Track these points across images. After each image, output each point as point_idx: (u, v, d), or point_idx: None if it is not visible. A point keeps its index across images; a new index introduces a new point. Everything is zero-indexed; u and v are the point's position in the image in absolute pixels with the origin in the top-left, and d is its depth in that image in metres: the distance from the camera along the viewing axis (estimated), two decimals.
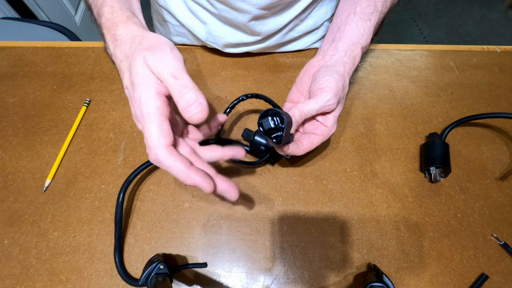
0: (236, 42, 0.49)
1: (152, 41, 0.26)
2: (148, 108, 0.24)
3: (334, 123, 0.34)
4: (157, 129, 0.24)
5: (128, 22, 0.29)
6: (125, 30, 0.28)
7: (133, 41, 0.27)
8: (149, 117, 0.24)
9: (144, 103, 0.24)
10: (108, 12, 0.30)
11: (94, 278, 0.36)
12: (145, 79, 0.24)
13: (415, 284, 0.36)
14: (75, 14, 1.42)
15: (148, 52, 0.25)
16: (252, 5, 0.42)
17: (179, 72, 0.24)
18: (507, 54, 0.54)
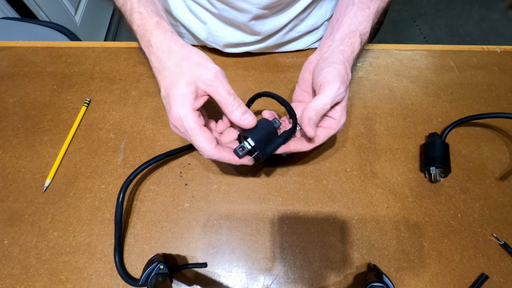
0: (236, 42, 0.49)
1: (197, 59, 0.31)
2: (189, 123, 0.30)
3: (342, 114, 0.33)
4: (203, 138, 0.30)
5: (158, 28, 0.33)
6: (159, 38, 0.32)
7: (171, 51, 0.31)
8: (193, 131, 0.30)
9: (185, 120, 0.29)
10: (138, 19, 0.34)
11: (94, 278, 0.36)
12: (183, 97, 0.30)
13: (415, 284, 0.36)
14: (75, 14, 1.42)
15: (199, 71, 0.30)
16: (252, 4, 0.42)
17: (231, 88, 0.31)
18: (507, 54, 0.54)
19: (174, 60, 0.31)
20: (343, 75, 0.32)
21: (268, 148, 0.32)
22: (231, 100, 0.30)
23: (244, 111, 0.31)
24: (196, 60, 0.31)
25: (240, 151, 0.31)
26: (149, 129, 0.46)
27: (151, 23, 0.33)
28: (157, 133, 0.45)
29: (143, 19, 0.34)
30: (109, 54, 0.53)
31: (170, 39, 0.32)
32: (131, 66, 0.52)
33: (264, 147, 0.32)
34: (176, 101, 0.30)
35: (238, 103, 0.31)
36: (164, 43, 0.32)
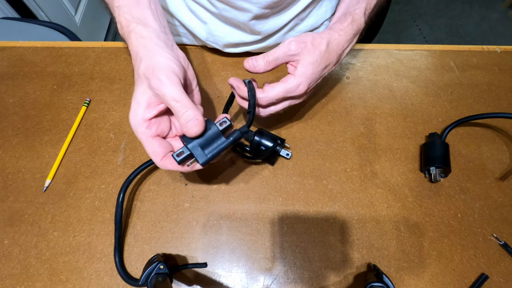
0: (236, 42, 0.49)
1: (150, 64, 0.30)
2: (138, 134, 0.30)
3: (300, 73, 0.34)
4: (150, 150, 0.30)
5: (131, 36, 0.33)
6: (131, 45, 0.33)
7: (136, 57, 0.31)
8: (142, 141, 0.30)
9: (134, 130, 0.30)
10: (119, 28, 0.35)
11: (94, 278, 0.36)
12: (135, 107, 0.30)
13: (415, 284, 0.36)
14: (75, 14, 1.42)
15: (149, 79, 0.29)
16: (254, 4, 0.42)
17: (178, 95, 0.28)
18: (507, 54, 0.54)
19: (136, 66, 0.31)
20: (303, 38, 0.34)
21: (209, 153, 0.30)
22: (178, 107, 0.28)
23: (190, 119, 0.28)
24: (149, 65, 0.30)
25: (178, 156, 0.29)
26: None
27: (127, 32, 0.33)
28: None
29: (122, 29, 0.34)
30: (109, 54, 0.53)
31: (140, 45, 0.32)
32: (131, 66, 0.52)
33: (202, 151, 0.30)
34: (130, 110, 0.30)
35: (185, 108, 0.28)
36: (133, 50, 0.32)
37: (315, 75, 0.35)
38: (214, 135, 0.30)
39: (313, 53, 0.34)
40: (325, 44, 0.35)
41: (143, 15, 0.34)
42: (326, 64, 0.36)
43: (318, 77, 0.36)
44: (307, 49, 0.34)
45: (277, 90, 0.34)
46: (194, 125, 0.28)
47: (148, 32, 0.33)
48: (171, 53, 0.31)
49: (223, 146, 0.31)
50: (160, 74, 0.28)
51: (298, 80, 0.34)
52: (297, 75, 0.34)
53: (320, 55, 0.35)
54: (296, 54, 0.34)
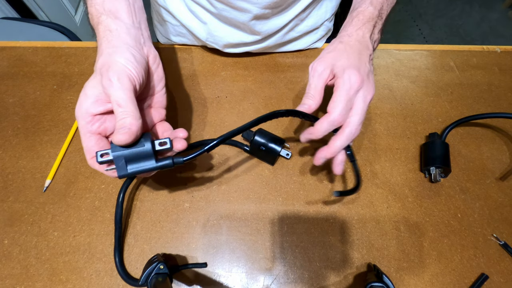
0: (236, 42, 0.49)
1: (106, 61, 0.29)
2: (78, 126, 0.29)
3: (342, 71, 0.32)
4: (84, 145, 0.29)
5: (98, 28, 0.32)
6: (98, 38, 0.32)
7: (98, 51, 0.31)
8: (80, 135, 0.29)
9: (77, 121, 0.29)
10: (90, 19, 0.34)
11: (94, 278, 0.36)
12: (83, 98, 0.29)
13: (415, 284, 0.36)
14: (75, 14, 1.42)
15: (102, 76, 0.28)
16: (254, 4, 0.42)
17: (123, 100, 0.27)
18: (507, 54, 0.54)
19: (97, 58, 0.30)
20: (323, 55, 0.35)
21: (131, 169, 0.28)
22: (119, 112, 0.27)
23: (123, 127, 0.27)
24: (105, 61, 0.29)
25: (101, 157, 0.28)
26: None
27: (96, 24, 0.32)
28: None
29: (92, 20, 0.33)
30: None
31: (103, 38, 0.31)
32: None
33: (125, 164, 0.28)
34: (78, 99, 0.29)
35: (125, 115, 0.27)
36: (98, 42, 0.31)
37: (357, 62, 0.33)
38: (144, 153, 0.28)
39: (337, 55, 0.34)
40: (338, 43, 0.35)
41: (116, 8, 0.32)
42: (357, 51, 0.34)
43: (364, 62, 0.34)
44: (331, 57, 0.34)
45: (337, 100, 0.32)
46: (122, 133, 0.26)
47: (117, 25, 0.31)
48: (135, 53, 0.30)
49: (148, 167, 0.29)
50: (112, 74, 0.27)
51: (346, 75, 0.32)
52: (340, 73, 0.33)
53: (343, 51, 0.34)
54: (325, 68, 0.34)
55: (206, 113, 0.47)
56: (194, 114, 0.47)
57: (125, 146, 0.27)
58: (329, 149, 0.33)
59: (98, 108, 0.29)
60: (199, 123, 0.46)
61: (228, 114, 0.47)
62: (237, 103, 0.48)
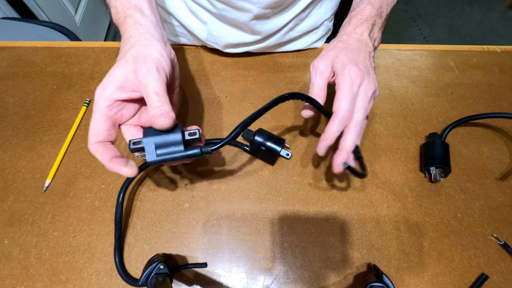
0: (236, 42, 0.49)
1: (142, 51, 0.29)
2: (95, 106, 0.28)
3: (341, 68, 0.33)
4: (94, 127, 0.28)
5: (128, 20, 0.32)
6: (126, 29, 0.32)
7: (128, 41, 0.31)
8: (93, 115, 0.28)
9: (95, 101, 0.28)
10: (114, 13, 0.34)
11: (94, 278, 0.36)
12: (107, 83, 0.28)
13: (415, 284, 0.36)
14: (75, 14, 1.42)
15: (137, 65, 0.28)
16: (255, 4, 0.42)
17: (160, 90, 0.28)
18: (507, 54, 0.54)
19: (125, 49, 0.30)
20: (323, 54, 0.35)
21: (160, 155, 0.28)
22: (156, 100, 0.28)
23: (163, 112, 0.28)
24: (140, 52, 0.29)
25: (134, 144, 0.28)
26: None
27: (123, 17, 0.33)
28: None
29: (117, 13, 0.33)
30: (109, 54, 0.53)
31: (135, 30, 0.31)
32: None
33: (155, 150, 0.28)
34: (101, 83, 0.29)
35: (162, 103, 0.28)
36: (128, 33, 0.31)
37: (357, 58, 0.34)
38: (175, 141, 0.29)
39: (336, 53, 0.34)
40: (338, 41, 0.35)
41: (140, 5, 0.34)
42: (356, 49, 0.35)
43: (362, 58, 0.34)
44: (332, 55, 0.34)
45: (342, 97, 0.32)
46: (164, 117, 0.27)
47: (145, 21, 0.32)
48: (165, 49, 0.31)
49: (178, 155, 0.29)
50: (151, 65, 0.28)
51: (346, 70, 0.32)
52: (340, 70, 0.33)
53: (343, 48, 0.34)
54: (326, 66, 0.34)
55: (206, 113, 0.47)
56: (194, 114, 0.47)
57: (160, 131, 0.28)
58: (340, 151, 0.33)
59: (121, 95, 0.29)
60: (199, 123, 0.46)
61: (228, 114, 0.47)
62: (237, 103, 0.48)
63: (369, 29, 0.36)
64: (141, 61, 0.28)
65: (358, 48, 0.35)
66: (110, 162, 0.28)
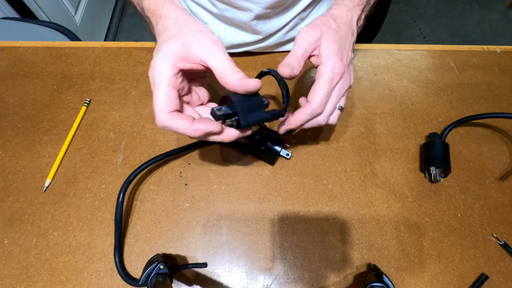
0: (237, 43, 0.49)
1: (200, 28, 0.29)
2: (159, 74, 0.27)
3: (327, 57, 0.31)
4: (164, 97, 0.26)
5: (168, 3, 0.32)
6: (169, 10, 0.31)
7: (178, 19, 0.30)
8: (159, 85, 0.27)
9: (158, 70, 0.27)
10: (147, 1, 0.33)
11: (94, 278, 0.36)
12: (169, 52, 0.27)
13: (415, 284, 0.36)
14: (75, 14, 1.42)
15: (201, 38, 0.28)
16: (256, 3, 0.42)
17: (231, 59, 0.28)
18: (507, 54, 0.54)
19: (178, 25, 0.30)
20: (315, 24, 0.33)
21: (251, 117, 0.29)
22: (233, 65, 0.28)
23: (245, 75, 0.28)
24: (199, 28, 0.29)
25: (218, 111, 0.28)
26: (149, 129, 0.46)
27: (161, 2, 0.32)
28: (157, 133, 0.45)
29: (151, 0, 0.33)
30: (109, 54, 0.53)
31: (180, 11, 0.31)
32: (131, 66, 0.52)
33: (247, 114, 0.29)
34: (160, 53, 0.28)
35: (239, 69, 0.28)
36: (174, 13, 0.31)
37: (343, 49, 0.33)
38: (258, 104, 0.30)
39: (327, 33, 0.32)
40: (332, 20, 0.33)
41: None
42: (344, 37, 0.34)
43: (347, 50, 0.34)
44: (322, 31, 0.32)
45: (319, 90, 0.31)
46: (253, 80, 0.28)
47: (182, 5, 0.33)
48: None
49: (264, 116, 0.30)
50: (214, 38, 0.28)
51: (330, 63, 0.31)
52: (325, 59, 0.32)
53: (334, 32, 0.33)
54: (318, 38, 0.32)
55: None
56: None
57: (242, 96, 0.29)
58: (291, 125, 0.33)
59: (186, 64, 0.28)
60: None
61: None
62: None
63: (358, 15, 0.35)
64: (204, 34, 0.28)
65: (346, 36, 0.34)
66: (194, 124, 0.27)
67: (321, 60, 0.32)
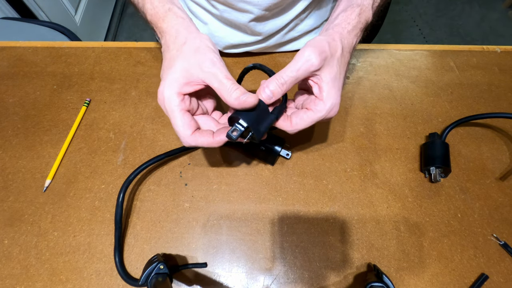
0: (237, 43, 0.49)
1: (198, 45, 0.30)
2: (170, 105, 0.29)
3: (328, 95, 0.30)
4: (181, 122, 0.30)
5: (170, 13, 0.33)
6: (169, 23, 0.33)
7: (177, 36, 0.32)
8: (173, 114, 0.30)
9: (167, 101, 0.29)
10: (150, 9, 0.34)
11: (94, 278, 0.36)
12: (173, 80, 0.29)
13: (415, 284, 0.36)
14: (75, 14, 1.42)
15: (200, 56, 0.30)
16: (254, 5, 0.42)
17: (230, 75, 0.29)
18: (507, 54, 0.54)
19: (178, 44, 0.31)
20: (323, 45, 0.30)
21: (262, 127, 0.31)
22: (230, 84, 0.28)
23: (244, 92, 0.28)
24: (197, 46, 0.30)
25: (234, 134, 0.29)
26: (149, 129, 0.46)
27: (162, 11, 0.34)
28: (157, 133, 0.45)
29: (154, 8, 0.34)
30: (109, 54, 0.53)
31: (180, 24, 0.32)
32: (131, 66, 0.52)
33: (258, 126, 0.30)
34: (166, 82, 0.30)
35: (237, 86, 0.29)
36: (174, 28, 0.32)
37: (341, 87, 0.32)
38: (262, 111, 0.30)
39: (332, 64, 0.30)
40: (340, 48, 0.31)
41: (174, 1, 0.35)
42: (344, 69, 0.33)
43: (342, 79, 0.32)
44: (327, 60, 0.30)
45: (308, 122, 0.31)
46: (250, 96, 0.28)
47: (184, 14, 0.33)
48: None
49: (271, 120, 0.31)
50: (212, 55, 0.30)
51: (329, 105, 0.30)
52: (325, 98, 0.30)
53: (338, 63, 0.31)
54: (319, 68, 0.30)
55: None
56: None
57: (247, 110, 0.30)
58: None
59: (189, 88, 0.30)
60: None
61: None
62: None
63: (357, 36, 0.34)
64: (202, 55, 0.30)
65: (345, 63, 0.33)
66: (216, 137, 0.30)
67: (321, 95, 0.30)
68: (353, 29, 0.33)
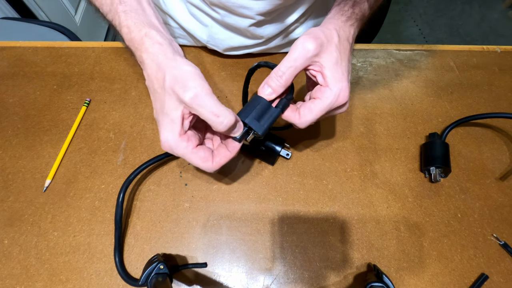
0: (237, 46, 0.49)
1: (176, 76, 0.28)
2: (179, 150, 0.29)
3: (332, 80, 0.29)
4: (198, 160, 0.30)
5: (145, 41, 0.31)
6: (148, 54, 0.31)
7: (158, 70, 0.29)
8: (186, 156, 0.30)
9: (175, 148, 0.29)
10: (126, 33, 0.32)
11: (94, 278, 0.36)
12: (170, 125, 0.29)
13: (415, 284, 0.36)
14: (75, 14, 1.42)
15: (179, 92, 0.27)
16: (252, 11, 0.42)
17: (214, 107, 0.27)
18: (507, 54, 0.54)
19: (160, 79, 0.29)
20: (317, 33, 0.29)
21: (264, 122, 0.31)
22: (216, 120, 0.27)
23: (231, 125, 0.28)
24: (176, 78, 0.28)
25: (237, 135, 0.30)
26: (149, 129, 0.46)
27: (138, 38, 0.31)
28: (157, 133, 0.45)
29: (131, 33, 0.32)
30: (109, 54, 0.53)
31: (159, 53, 0.30)
32: (131, 66, 0.52)
33: (258, 122, 0.30)
34: (165, 128, 0.29)
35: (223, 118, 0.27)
36: (153, 60, 0.30)
37: (346, 72, 0.30)
38: (263, 106, 0.31)
39: (330, 50, 0.30)
40: (336, 35, 0.30)
41: (151, 20, 0.33)
42: (346, 55, 0.31)
43: (349, 72, 0.31)
44: (324, 46, 0.29)
45: (316, 112, 0.30)
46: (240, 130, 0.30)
47: (163, 38, 0.31)
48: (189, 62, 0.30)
49: (276, 113, 0.31)
50: (194, 89, 0.27)
51: (336, 89, 0.29)
52: (331, 84, 0.29)
53: (337, 49, 0.30)
54: (316, 54, 0.29)
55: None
56: None
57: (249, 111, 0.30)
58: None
59: (187, 122, 0.30)
60: None
61: None
62: (237, 103, 0.48)
63: (354, 26, 0.33)
64: (182, 91, 0.27)
65: (345, 49, 0.32)
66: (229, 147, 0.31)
67: (326, 81, 0.30)
68: (348, 20, 0.33)
